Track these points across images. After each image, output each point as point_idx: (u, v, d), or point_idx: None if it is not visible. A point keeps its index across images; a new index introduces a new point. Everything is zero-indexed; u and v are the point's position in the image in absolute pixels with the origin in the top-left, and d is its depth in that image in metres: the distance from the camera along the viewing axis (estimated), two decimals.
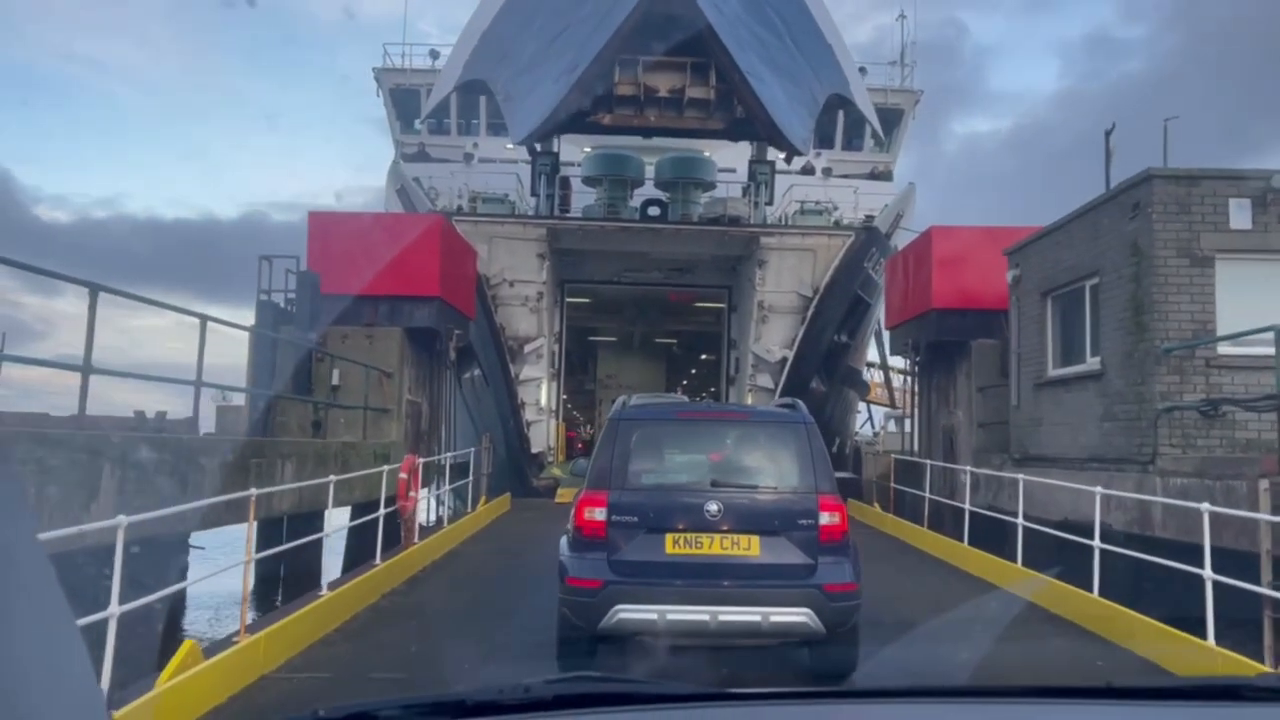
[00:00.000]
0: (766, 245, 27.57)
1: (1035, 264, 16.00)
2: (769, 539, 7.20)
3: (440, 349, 19.94)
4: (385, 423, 18.40)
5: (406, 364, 18.89)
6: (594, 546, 7.22)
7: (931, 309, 18.96)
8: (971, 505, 16.38)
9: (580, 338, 43.66)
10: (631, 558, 7.12)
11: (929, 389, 20.80)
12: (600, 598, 6.97)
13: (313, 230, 18.73)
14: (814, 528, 7.22)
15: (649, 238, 28.62)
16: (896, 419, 52.58)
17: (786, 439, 7.65)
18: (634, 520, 7.23)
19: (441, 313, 18.96)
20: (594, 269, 31.42)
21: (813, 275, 27.82)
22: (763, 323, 28.09)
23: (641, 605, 6.94)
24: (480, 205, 28.51)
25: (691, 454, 7.89)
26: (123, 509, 7.52)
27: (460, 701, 1.66)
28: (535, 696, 1.67)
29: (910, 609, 10.21)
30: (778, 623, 7.04)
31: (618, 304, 37.45)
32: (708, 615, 6.96)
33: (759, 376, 28.44)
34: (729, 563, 7.13)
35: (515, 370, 27.96)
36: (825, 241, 27.66)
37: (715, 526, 7.16)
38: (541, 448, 28.70)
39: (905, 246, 20.82)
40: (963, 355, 18.97)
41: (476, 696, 1.68)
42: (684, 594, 6.96)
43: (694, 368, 51.71)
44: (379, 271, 18.45)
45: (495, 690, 1.70)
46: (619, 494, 7.31)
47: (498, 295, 27.74)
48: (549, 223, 27.89)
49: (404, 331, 18.64)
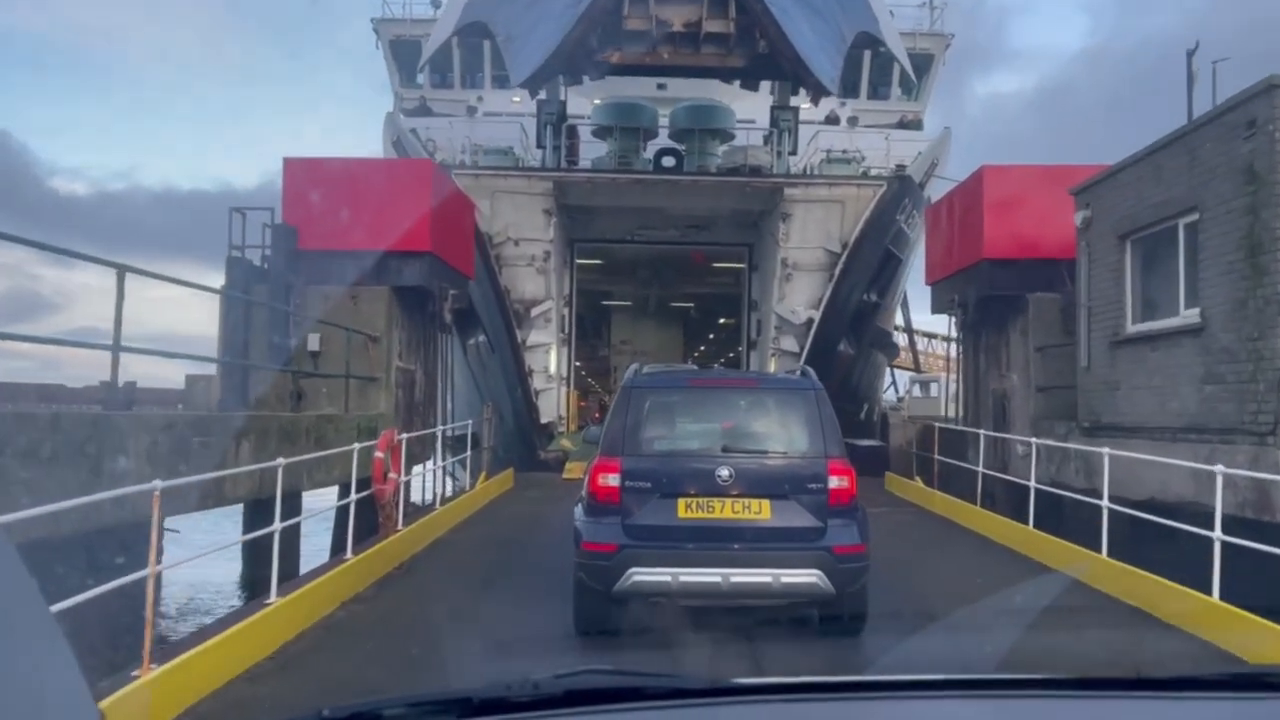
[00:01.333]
0: (791, 197, 25.29)
1: (1110, 203, 13.72)
2: (779, 503, 7.30)
3: (434, 311, 17.85)
4: (373, 393, 16.38)
5: (396, 327, 16.83)
6: (608, 511, 7.29)
7: (982, 260, 16.71)
8: (1039, 481, 14.35)
9: (593, 302, 41.51)
10: (645, 522, 7.22)
11: (976, 350, 18.58)
12: (615, 561, 7.08)
13: (289, 178, 16.62)
14: (823, 492, 7.31)
15: (664, 191, 26.35)
16: (922, 384, 50.44)
17: (796, 405, 7.69)
18: (647, 486, 7.31)
19: (434, 269, 16.85)
20: (605, 227, 29.23)
21: (841, 229, 25.53)
22: (787, 281, 25.87)
23: (655, 568, 7.06)
24: (482, 158, 26.29)
25: (703, 421, 7.94)
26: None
27: (467, 699, 1.61)
28: (545, 693, 1.63)
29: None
30: (788, 584, 7.17)
31: (631, 265, 35.24)
32: (720, 577, 7.08)
33: (783, 339, 26.27)
34: (740, 526, 7.25)
35: (522, 335, 25.90)
36: (854, 192, 25.33)
37: (726, 491, 7.24)
38: (551, 417, 26.70)
39: (950, 190, 18.56)
40: (1018, 311, 16.74)
41: (484, 694, 1.63)
42: (696, 557, 7.10)
43: (712, 332, 49.47)
44: (363, 224, 16.35)
45: (503, 686, 1.65)
46: (632, 460, 7.37)
47: (502, 255, 25.62)
48: (556, 175, 25.66)
49: (392, 291, 16.55)
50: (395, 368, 16.82)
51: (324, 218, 16.38)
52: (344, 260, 16.48)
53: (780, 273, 25.69)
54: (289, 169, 16.66)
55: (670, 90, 30.97)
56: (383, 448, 11.80)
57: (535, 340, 26.26)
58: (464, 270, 18.95)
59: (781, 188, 25.19)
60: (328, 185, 16.55)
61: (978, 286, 17.11)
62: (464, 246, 19.10)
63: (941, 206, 19.47)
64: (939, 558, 12.66)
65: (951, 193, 18.60)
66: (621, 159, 27.67)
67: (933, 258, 19.97)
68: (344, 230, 16.35)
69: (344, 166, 16.93)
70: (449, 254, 17.54)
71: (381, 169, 16.82)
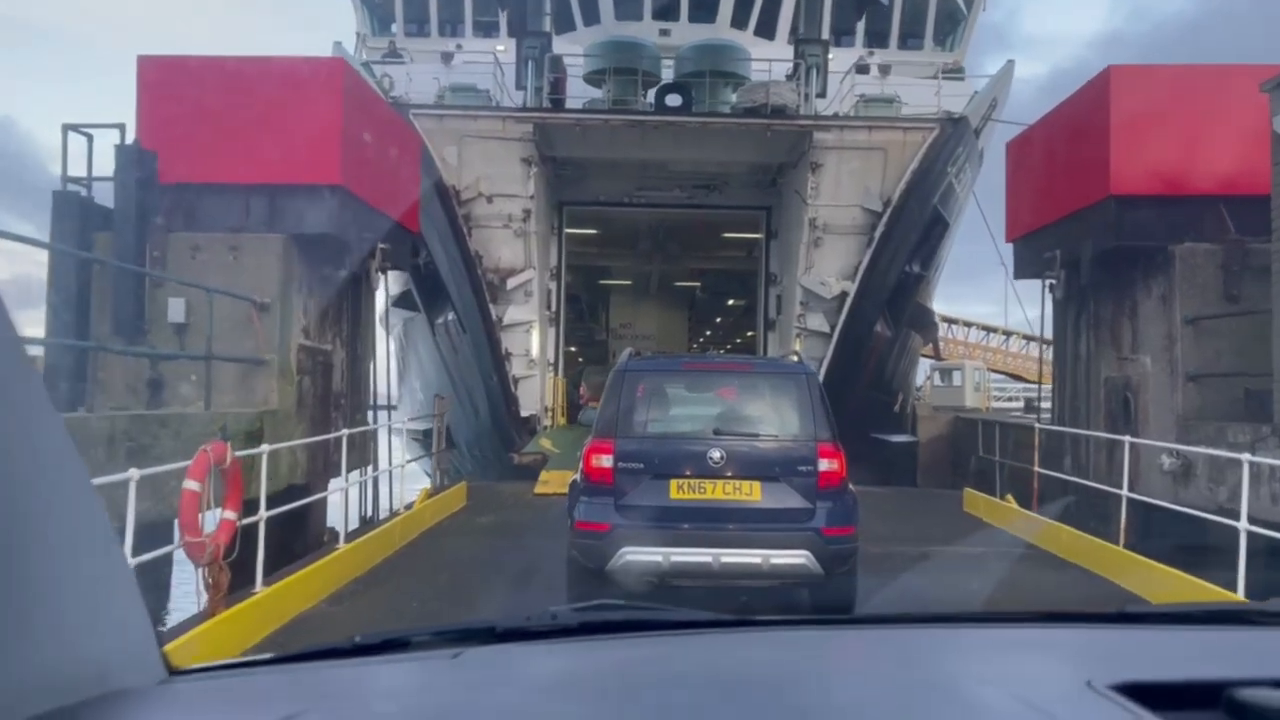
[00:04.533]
0: (822, 143, 20.33)
1: None
2: (770, 485, 7.29)
3: (359, 271, 12.99)
4: (260, 380, 11.53)
5: (298, 291, 11.96)
6: (602, 492, 7.29)
7: (1108, 198, 11.76)
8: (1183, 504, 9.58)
9: (589, 281, 36.57)
10: (638, 503, 7.21)
11: (1079, 324, 13.62)
12: (608, 541, 7.08)
13: (145, 83, 11.69)
14: (813, 474, 7.29)
15: (668, 139, 21.39)
16: (943, 371, 45.52)
17: (788, 389, 7.66)
18: (640, 467, 7.30)
19: (349, 212, 11.97)
20: (599, 186, 24.34)
21: (882, 183, 20.60)
22: (815, 247, 20.94)
23: (647, 548, 7.06)
24: (448, 97, 21.34)
25: (695, 404, 7.94)
26: None
27: (490, 628, 1.66)
28: (562, 623, 1.68)
29: None
30: (777, 564, 7.15)
31: (631, 235, 30.29)
32: (710, 557, 7.06)
33: (810, 317, 21.36)
34: (731, 507, 7.23)
35: (497, 312, 21.04)
36: (899, 138, 20.37)
37: (718, 473, 7.24)
38: (534, 410, 21.88)
39: (1056, 108, 13.58)
40: (1155, 270, 11.81)
41: (505, 624, 1.69)
42: (688, 537, 7.09)
43: (719, 315, 44.47)
44: (247, 147, 11.49)
45: (523, 618, 1.70)
46: (625, 442, 7.37)
47: (472, 214, 20.73)
48: (536, 116, 20.72)
49: (288, 241, 11.69)
50: (297, 347, 11.95)
51: (194, 139, 11.51)
52: (221, 197, 11.63)
53: (808, 236, 20.76)
54: (144, 71, 11.73)
55: (675, 37, 26.09)
56: (197, 475, 6.94)
57: (514, 318, 21.40)
58: (403, 219, 14.00)
59: (810, 131, 20.22)
60: (199, 94, 11.66)
61: (1098, 235, 12.12)
62: (401, 187, 14.15)
63: (1035, 135, 14.41)
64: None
65: (1057, 111, 13.59)
66: (617, 105, 22.73)
67: (1018, 206, 14.92)
68: (221, 156, 11.49)
69: (220, 68, 11.96)
70: (375, 193, 12.63)
71: (272, 71, 11.89)
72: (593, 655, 1.60)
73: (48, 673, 1.11)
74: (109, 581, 1.23)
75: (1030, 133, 14.51)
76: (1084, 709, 1.20)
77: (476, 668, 1.50)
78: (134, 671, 1.25)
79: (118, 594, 1.24)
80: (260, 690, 1.44)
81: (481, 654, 1.56)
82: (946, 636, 1.73)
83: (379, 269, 13.10)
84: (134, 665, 1.25)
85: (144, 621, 1.28)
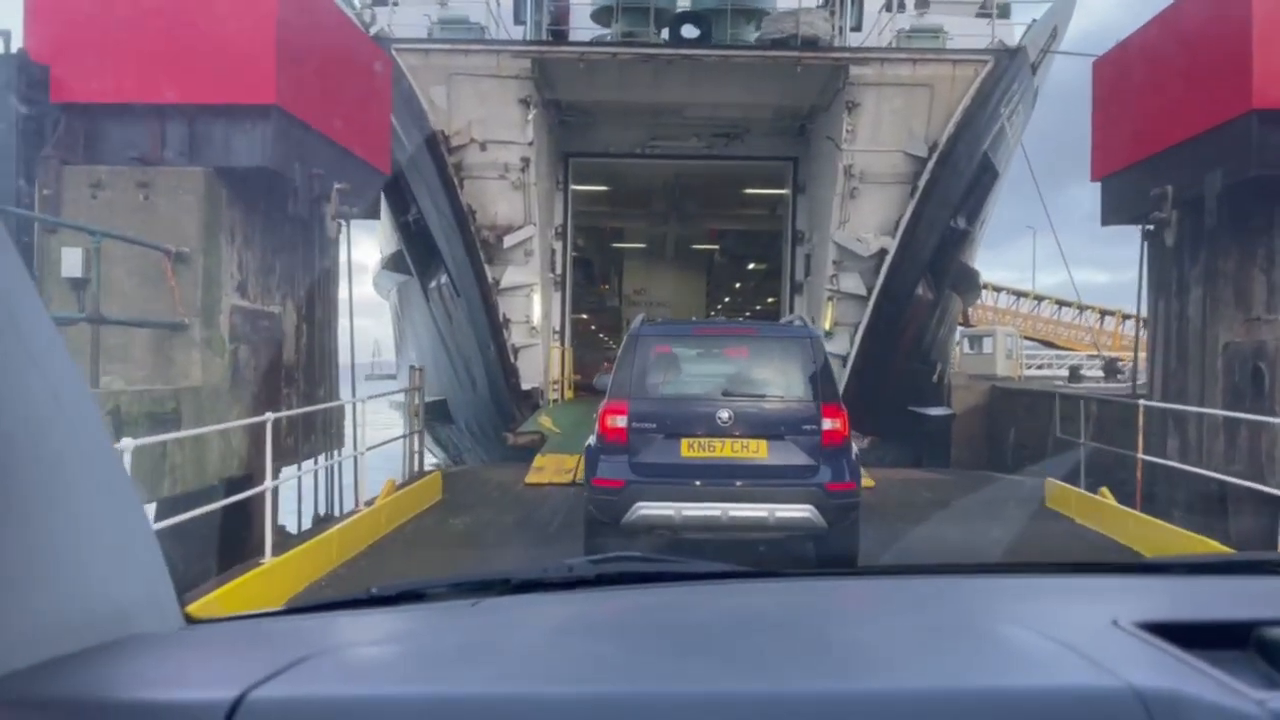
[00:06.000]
0: (860, 79, 17.69)
1: None
2: (775, 443, 7.51)
3: (310, 217, 10.55)
4: (179, 350, 9.17)
5: (228, 239, 9.55)
6: (617, 450, 7.51)
7: (1247, 113, 9.15)
8: None
9: (600, 244, 34.08)
10: (651, 460, 7.45)
11: (1191, 278, 11.07)
12: (623, 496, 7.34)
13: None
14: (817, 433, 7.49)
15: (683, 79, 18.78)
16: (973, 338, 42.90)
17: (793, 352, 7.92)
18: (652, 427, 7.54)
19: (288, 140, 9.52)
20: (608, 136, 21.77)
21: (927, 125, 17.96)
22: (851, 199, 18.36)
23: (660, 502, 7.29)
24: (436, 30, 18.79)
25: (705, 367, 8.16)
26: None
27: (506, 580, 1.65)
28: (578, 575, 1.68)
29: None
30: (783, 518, 7.36)
31: (644, 193, 27.73)
32: (719, 511, 7.29)
33: (843, 278, 18.83)
34: (739, 464, 7.47)
35: (494, 274, 18.63)
36: (948, 72, 17.70)
37: (727, 432, 7.47)
38: (537, 383, 19.52)
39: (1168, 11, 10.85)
40: None
41: (522, 575, 1.68)
42: (698, 492, 7.32)
43: (739, 280, 41.90)
44: (160, 59, 9.07)
45: (540, 569, 1.71)
46: (638, 403, 7.58)
47: (464, 163, 18.25)
48: (535, 50, 18.15)
49: (213, 176, 9.25)
50: (230, 308, 9.56)
51: (95, 48, 9.10)
52: (128, 121, 9.21)
53: (843, 186, 18.17)
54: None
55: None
56: None
57: (512, 280, 18.98)
58: (368, 155, 11.52)
59: (846, 66, 17.56)
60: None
61: (1230, 162, 9.53)
62: (364, 115, 11.65)
63: (1138, 46, 11.70)
64: None
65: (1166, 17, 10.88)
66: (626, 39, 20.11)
67: (1112, 135, 12.24)
68: (129, 69, 9.07)
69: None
70: (325, 119, 10.18)
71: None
72: (609, 603, 1.61)
73: (70, 616, 1.14)
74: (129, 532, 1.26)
75: (1131, 45, 11.82)
76: (1110, 646, 1.17)
77: (493, 613, 1.51)
78: (153, 619, 1.27)
79: (137, 544, 1.27)
80: (275, 636, 1.43)
81: (498, 603, 1.57)
82: (968, 584, 1.71)
83: (336, 215, 10.64)
84: (153, 613, 1.27)
85: (162, 572, 1.31)
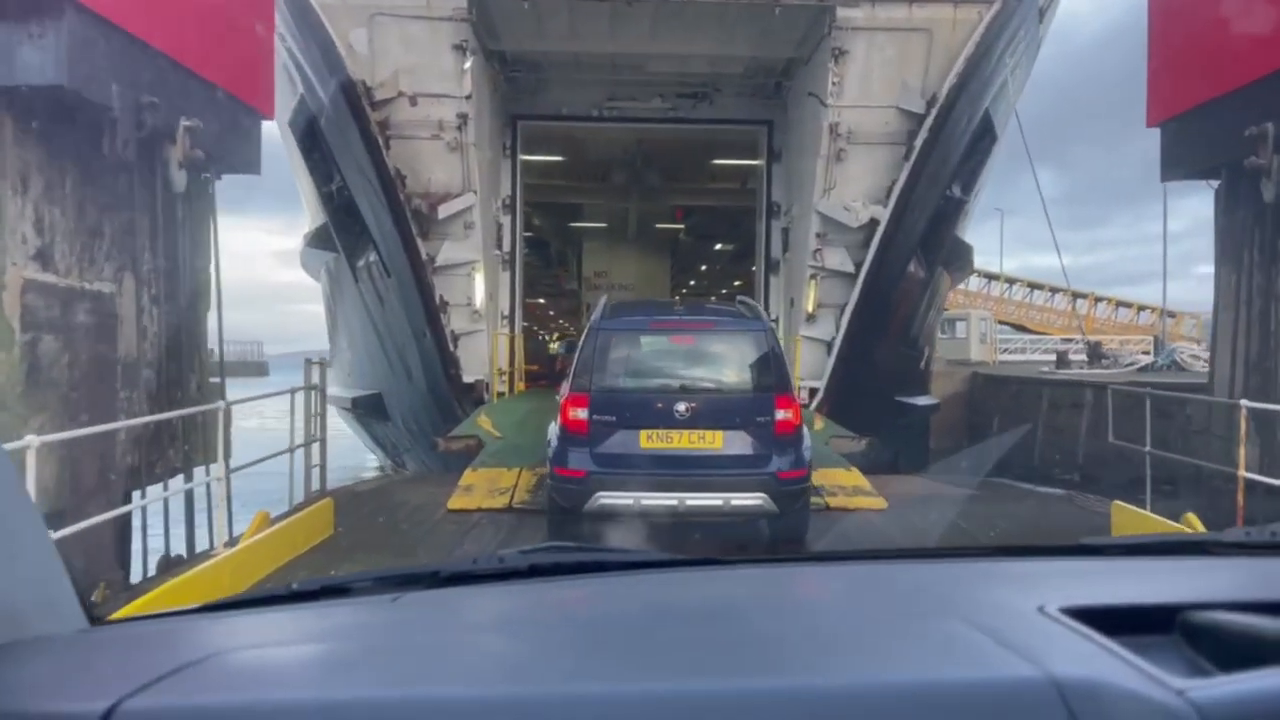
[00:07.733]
0: (848, 23, 15.24)
1: None
2: (730, 433, 7.70)
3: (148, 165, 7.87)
4: None
5: (16, 189, 6.88)
6: (578, 441, 7.65)
7: None
8: None
9: (558, 222, 31.42)
10: (611, 450, 7.60)
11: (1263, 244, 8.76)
12: (584, 485, 7.51)
13: None
14: (770, 423, 7.68)
15: (645, 24, 16.23)
16: (947, 322, 41.01)
17: (747, 345, 8.15)
18: (613, 419, 7.67)
19: (96, 52, 6.87)
20: (561, 96, 19.20)
21: (924, 76, 15.60)
22: (838, 162, 15.94)
23: (620, 492, 7.48)
24: None
25: (663, 359, 8.30)
26: None
27: (434, 573, 1.58)
28: (510, 566, 1.63)
29: None
30: (737, 506, 7.64)
31: (603, 164, 25.14)
32: (676, 500, 7.51)
33: (828, 253, 16.44)
34: (696, 455, 7.64)
35: (428, 250, 16.02)
36: (949, 15, 15.32)
37: (684, 423, 7.62)
38: (481, 375, 16.95)
39: None
40: None
41: (451, 568, 1.62)
42: (657, 482, 7.48)
43: (705, 262, 39.48)
44: None
45: (469, 561, 1.65)
46: (599, 395, 7.71)
47: (391, 120, 15.57)
48: None
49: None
50: (20, 284, 6.89)
51: None
52: None
53: (828, 148, 15.75)
54: None
55: None
56: None
57: (450, 257, 16.36)
58: (233, 88, 8.82)
59: (833, 7, 15.11)
60: None
61: None
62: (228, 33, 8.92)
63: None
64: None
65: None
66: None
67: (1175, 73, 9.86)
68: None
69: None
70: (162, 31, 7.49)
71: None
72: (538, 595, 1.56)
73: None
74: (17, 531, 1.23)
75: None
76: (1034, 633, 1.17)
77: (415, 608, 1.46)
78: (50, 620, 1.24)
79: (29, 545, 1.25)
80: (184, 635, 1.37)
81: (421, 598, 1.51)
82: (901, 570, 1.70)
83: (186, 163, 7.97)
84: (50, 614, 1.25)
85: (59, 572, 1.29)
